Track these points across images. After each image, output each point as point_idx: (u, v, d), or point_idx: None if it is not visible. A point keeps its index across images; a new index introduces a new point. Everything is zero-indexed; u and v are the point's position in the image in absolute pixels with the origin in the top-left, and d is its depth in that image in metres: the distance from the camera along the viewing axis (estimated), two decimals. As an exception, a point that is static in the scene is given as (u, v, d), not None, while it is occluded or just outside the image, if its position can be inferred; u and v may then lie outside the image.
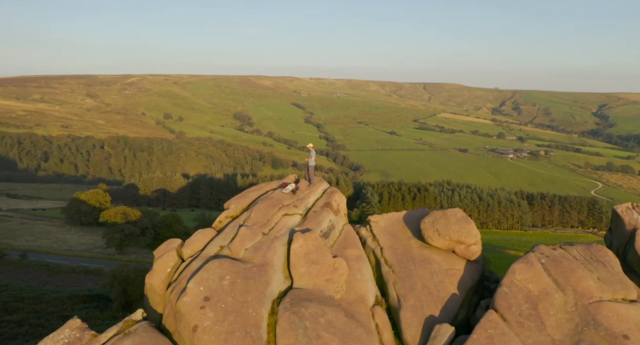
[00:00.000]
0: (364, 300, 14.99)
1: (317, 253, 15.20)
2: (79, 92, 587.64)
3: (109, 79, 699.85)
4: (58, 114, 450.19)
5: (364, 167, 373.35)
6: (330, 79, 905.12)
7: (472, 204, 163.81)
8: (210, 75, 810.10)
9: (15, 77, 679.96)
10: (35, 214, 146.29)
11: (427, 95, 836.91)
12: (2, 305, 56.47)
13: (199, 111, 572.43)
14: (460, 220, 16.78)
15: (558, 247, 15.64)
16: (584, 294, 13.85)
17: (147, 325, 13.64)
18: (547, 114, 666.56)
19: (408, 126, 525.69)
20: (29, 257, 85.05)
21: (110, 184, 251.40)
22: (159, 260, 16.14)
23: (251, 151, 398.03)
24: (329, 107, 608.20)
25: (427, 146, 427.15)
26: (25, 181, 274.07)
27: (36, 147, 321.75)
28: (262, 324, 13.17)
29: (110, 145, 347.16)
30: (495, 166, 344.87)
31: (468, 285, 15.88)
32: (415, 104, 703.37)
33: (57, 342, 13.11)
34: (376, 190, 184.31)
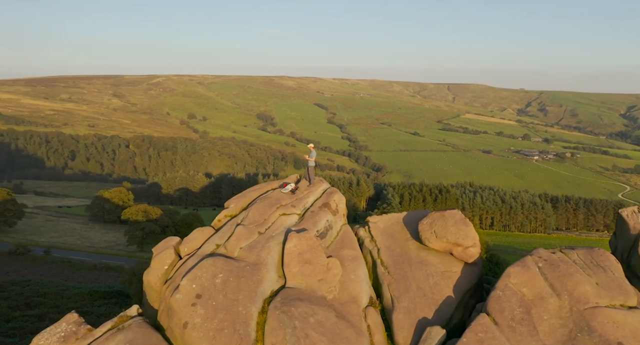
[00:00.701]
0: (356, 301, 14.97)
1: (311, 253, 15.26)
2: (106, 92, 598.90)
3: (135, 79, 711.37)
4: (85, 113, 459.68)
5: (386, 168, 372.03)
6: (353, 80, 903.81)
7: (495, 206, 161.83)
8: (234, 75, 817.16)
9: (44, 77, 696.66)
10: (61, 212, 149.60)
11: (452, 96, 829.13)
12: (25, 300, 57.94)
13: (222, 111, 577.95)
14: (459, 222, 16.62)
15: (558, 251, 15.38)
16: (580, 299, 13.56)
17: (141, 321, 13.90)
18: (574, 115, 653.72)
19: (431, 127, 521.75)
20: (52, 253, 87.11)
21: (135, 182, 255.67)
22: (157, 257, 16.45)
23: (273, 151, 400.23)
24: (351, 108, 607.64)
25: (450, 147, 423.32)
26: (53, 179, 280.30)
27: (63, 146, 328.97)
28: (251, 322, 13.29)
29: (135, 145, 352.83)
30: (520, 168, 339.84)
31: (464, 288, 15.72)
32: (439, 104, 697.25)
33: (54, 335, 13.48)
34: (397, 191, 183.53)
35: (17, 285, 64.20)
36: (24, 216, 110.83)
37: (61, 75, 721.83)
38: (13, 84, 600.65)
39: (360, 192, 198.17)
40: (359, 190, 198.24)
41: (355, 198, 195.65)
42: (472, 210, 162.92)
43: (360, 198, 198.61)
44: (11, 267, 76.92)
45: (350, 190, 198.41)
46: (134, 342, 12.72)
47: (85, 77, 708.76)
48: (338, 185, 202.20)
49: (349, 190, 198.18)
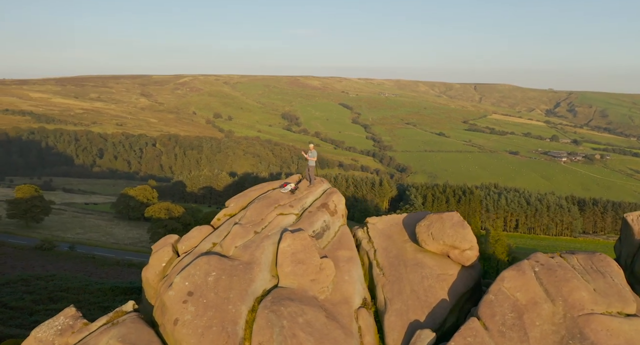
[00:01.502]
0: (348, 302, 14.93)
1: (305, 253, 15.29)
2: (134, 92, 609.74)
3: (163, 78, 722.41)
4: (113, 112, 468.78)
5: (410, 169, 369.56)
6: (378, 79, 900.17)
7: (520, 208, 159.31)
8: (259, 75, 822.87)
9: (74, 76, 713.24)
10: (87, 208, 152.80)
11: (478, 96, 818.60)
12: (48, 294, 59.42)
13: (247, 111, 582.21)
14: (456, 224, 16.43)
15: (557, 256, 15.03)
16: (575, 306, 13.23)
17: (135, 316, 14.17)
18: (604, 116, 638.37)
19: (457, 127, 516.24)
20: (77, 249, 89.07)
21: (161, 180, 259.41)
22: (155, 254, 16.73)
23: (297, 151, 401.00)
24: (376, 108, 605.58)
25: (476, 148, 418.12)
26: (81, 176, 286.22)
27: (92, 144, 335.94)
28: (239, 321, 13.41)
29: (162, 143, 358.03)
30: (547, 170, 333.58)
31: (460, 292, 15.52)
32: (465, 104, 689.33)
33: (52, 328, 13.88)
34: (420, 192, 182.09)
35: (41, 280, 65.89)
36: (51, 212, 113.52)
37: (91, 75, 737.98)
38: (44, 83, 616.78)
39: (382, 192, 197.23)
40: (382, 190, 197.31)
41: (378, 198, 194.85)
42: (496, 212, 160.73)
43: (383, 198, 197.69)
44: (37, 261, 78.98)
45: (373, 191, 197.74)
46: (127, 337, 12.98)
47: (114, 76, 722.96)
48: (361, 185, 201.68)
49: (372, 190, 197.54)
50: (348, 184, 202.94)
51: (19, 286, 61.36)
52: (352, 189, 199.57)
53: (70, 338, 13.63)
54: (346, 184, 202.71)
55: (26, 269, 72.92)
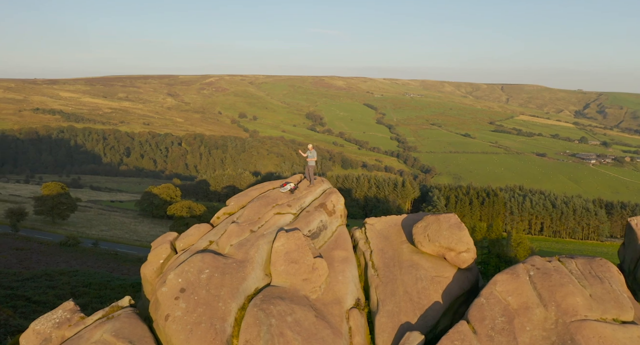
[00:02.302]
0: (340, 302, 14.91)
1: (298, 252, 15.34)
2: (161, 91, 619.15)
3: (189, 78, 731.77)
4: (141, 111, 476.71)
5: (435, 170, 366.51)
6: (403, 80, 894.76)
7: (545, 211, 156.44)
8: (284, 75, 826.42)
9: (103, 76, 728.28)
10: (113, 206, 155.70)
11: (505, 97, 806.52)
12: (71, 289, 60.82)
13: (272, 111, 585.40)
14: (453, 226, 16.24)
15: (555, 260, 14.72)
16: (568, 311, 12.92)
17: (130, 311, 14.46)
18: (636, 117, 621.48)
19: (483, 128, 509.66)
20: (100, 245, 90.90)
21: (185, 179, 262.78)
22: (153, 251, 17.02)
23: (321, 151, 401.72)
24: (401, 108, 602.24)
25: (502, 149, 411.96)
26: (108, 174, 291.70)
27: (119, 142, 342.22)
28: (228, 318, 13.55)
29: (187, 143, 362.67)
30: (575, 172, 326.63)
31: (455, 294, 15.33)
32: (492, 105, 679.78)
33: (50, 321, 14.28)
34: (443, 193, 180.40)
35: (65, 275, 67.49)
36: (77, 209, 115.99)
37: (119, 75, 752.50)
38: (74, 83, 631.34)
39: (405, 193, 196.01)
40: (404, 191, 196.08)
41: (400, 199, 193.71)
42: (520, 215, 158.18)
43: (405, 199, 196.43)
44: (61, 257, 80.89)
45: (395, 192, 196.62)
46: (120, 331, 13.26)
47: (142, 76, 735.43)
48: (383, 186, 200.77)
49: (394, 191, 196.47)
50: (370, 185, 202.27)
51: (43, 281, 63.03)
52: (374, 190, 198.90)
53: (66, 331, 13.99)
54: (368, 185, 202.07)
55: (50, 264, 74.81)
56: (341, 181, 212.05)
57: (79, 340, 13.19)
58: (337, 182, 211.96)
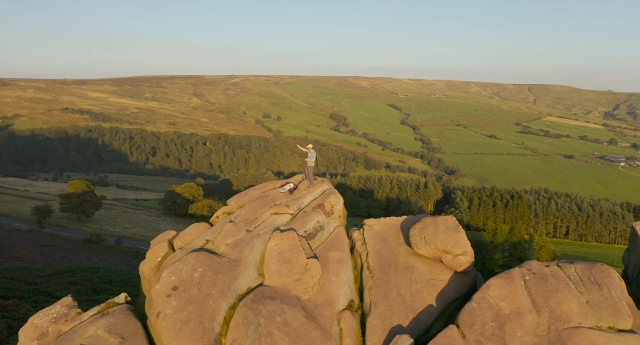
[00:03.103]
0: (332, 304, 14.83)
1: (291, 253, 15.35)
2: (187, 92, 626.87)
3: (215, 79, 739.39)
4: (166, 111, 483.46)
5: (459, 171, 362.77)
6: (429, 80, 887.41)
7: (571, 214, 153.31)
8: (309, 76, 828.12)
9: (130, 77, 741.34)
10: (137, 204, 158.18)
11: (532, 98, 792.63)
12: (92, 286, 62.03)
13: (296, 111, 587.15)
14: (450, 228, 16.00)
15: (554, 264, 14.33)
16: (561, 318, 12.56)
17: (125, 308, 14.70)
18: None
19: (509, 130, 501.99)
20: (123, 243, 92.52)
21: (209, 178, 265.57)
22: (152, 249, 17.27)
23: (345, 151, 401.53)
24: (426, 109, 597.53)
25: (529, 151, 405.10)
26: (134, 173, 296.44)
27: (145, 142, 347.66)
28: (217, 317, 13.64)
29: (212, 142, 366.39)
30: (604, 175, 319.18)
31: (450, 298, 15.09)
32: (519, 106, 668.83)
33: (48, 315, 14.64)
34: (466, 195, 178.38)
35: (87, 272, 68.89)
36: (101, 207, 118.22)
37: (146, 76, 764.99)
38: (102, 84, 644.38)
39: (427, 194, 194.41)
40: (427, 192, 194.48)
41: (422, 201, 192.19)
42: (545, 218, 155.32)
43: (428, 201, 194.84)
44: (84, 254, 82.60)
45: (417, 193, 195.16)
46: (113, 327, 13.50)
47: (168, 77, 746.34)
48: (405, 187, 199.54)
49: (416, 192, 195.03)
50: (392, 186, 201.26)
51: (65, 277, 64.45)
52: (396, 191, 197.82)
53: (63, 325, 14.31)
54: (390, 186, 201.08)
55: (74, 260, 76.45)
56: (363, 182, 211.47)
57: (74, 335, 13.48)
58: (359, 183, 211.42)
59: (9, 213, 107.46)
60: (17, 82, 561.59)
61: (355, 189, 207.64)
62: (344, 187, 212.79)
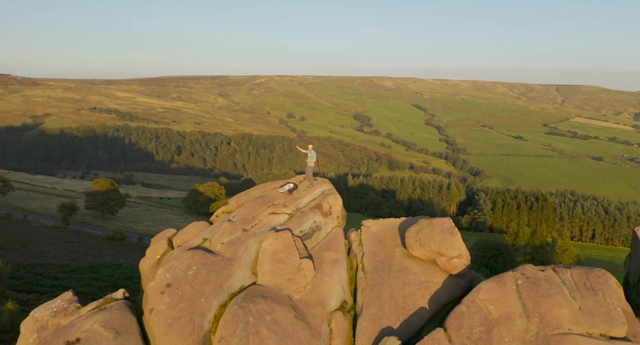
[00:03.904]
0: (323, 304, 14.89)
1: (285, 252, 15.48)
2: (212, 92, 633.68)
3: (240, 79, 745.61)
4: (192, 111, 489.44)
5: (484, 173, 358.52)
6: (454, 80, 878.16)
7: (597, 217, 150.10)
8: (333, 76, 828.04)
9: (157, 77, 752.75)
10: (161, 203, 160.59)
11: (561, 98, 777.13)
12: (113, 282, 63.23)
13: (320, 111, 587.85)
14: (445, 230, 15.87)
15: (550, 269, 14.08)
16: (551, 323, 12.32)
17: (122, 304, 15.07)
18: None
19: (536, 131, 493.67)
20: (145, 240, 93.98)
21: (233, 178, 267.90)
22: (151, 246, 17.67)
23: (368, 152, 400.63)
24: (451, 109, 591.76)
25: (556, 153, 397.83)
26: (160, 172, 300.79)
27: (171, 141, 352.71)
28: (208, 314, 13.87)
29: (236, 142, 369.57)
30: (634, 177, 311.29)
31: (443, 301, 14.98)
32: (546, 107, 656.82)
33: (48, 309, 15.13)
34: (489, 196, 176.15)
35: (109, 268, 70.26)
36: (125, 205, 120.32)
37: (173, 76, 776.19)
38: (129, 84, 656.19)
39: (450, 196, 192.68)
40: (449, 194, 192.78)
41: (445, 202, 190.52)
42: (571, 221, 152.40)
43: (450, 202, 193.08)
44: (107, 251, 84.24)
45: (440, 194, 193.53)
46: (109, 322, 13.87)
47: (194, 77, 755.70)
48: (427, 188, 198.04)
49: (439, 193, 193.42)
50: (415, 187, 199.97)
51: (88, 273, 65.85)
52: (418, 192, 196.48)
53: (62, 319, 14.74)
54: (412, 187, 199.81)
55: (97, 257, 78.07)
56: (385, 182, 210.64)
57: (71, 329, 13.88)
58: (381, 183, 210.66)
59: (36, 210, 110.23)
60: (47, 82, 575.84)
61: (377, 190, 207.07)
62: (366, 187, 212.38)
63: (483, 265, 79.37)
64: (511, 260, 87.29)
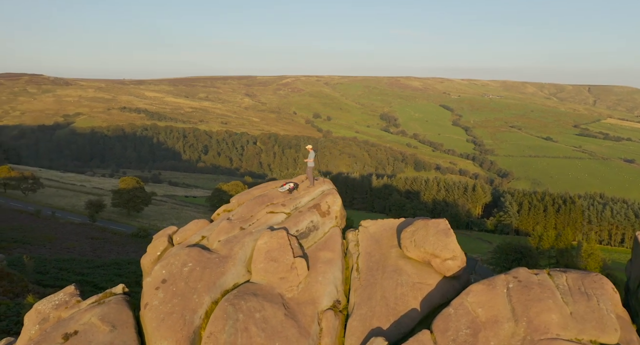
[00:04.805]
0: (314, 303, 14.99)
1: (279, 251, 15.65)
2: (239, 92, 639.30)
3: (267, 79, 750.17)
4: (219, 111, 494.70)
5: (512, 174, 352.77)
6: (483, 80, 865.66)
7: (627, 221, 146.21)
8: (360, 76, 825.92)
9: (185, 77, 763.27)
10: (186, 201, 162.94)
11: (592, 99, 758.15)
12: (136, 278, 64.32)
13: (346, 111, 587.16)
14: (440, 232, 15.77)
15: (544, 273, 13.84)
16: (538, 328, 12.11)
17: (120, 298, 15.50)
18: None
19: (567, 132, 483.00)
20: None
21: (258, 177, 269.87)
22: (152, 243, 18.10)
23: (394, 152, 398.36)
24: (479, 110, 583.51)
25: (587, 154, 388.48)
26: (187, 171, 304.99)
27: (198, 140, 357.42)
28: (199, 310, 14.15)
29: (262, 142, 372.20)
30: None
31: (435, 302, 14.86)
32: (577, 107, 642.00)
33: (51, 302, 15.68)
34: (515, 199, 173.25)
35: (132, 264, 71.60)
36: (151, 203, 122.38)
37: (201, 76, 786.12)
38: (159, 84, 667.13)
39: (475, 197, 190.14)
40: (475, 195, 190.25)
41: (470, 204, 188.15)
42: (599, 225, 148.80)
43: (476, 204, 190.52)
44: (132, 247, 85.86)
45: (465, 196, 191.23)
46: (106, 316, 14.30)
47: (222, 77, 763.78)
48: (452, 189, 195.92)
49: (464, 195, 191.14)
50: (439, 188, 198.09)
51: (112, 269, 67.26)
52: (443, 193, 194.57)
53: (63, 312, 15.25)
54: (437, 188, 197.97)
55: (121, 254, 79.66)
56: (410, 183, 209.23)
57: (70, 321, 14.37)
58: (405, 184, 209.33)
59: (65, 207, 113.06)
60: (78, 82, 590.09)
61: (401, 191, 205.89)
62: (390, 188, 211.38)
63: (505, 268, 78.12)
64: (534, 263, 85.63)
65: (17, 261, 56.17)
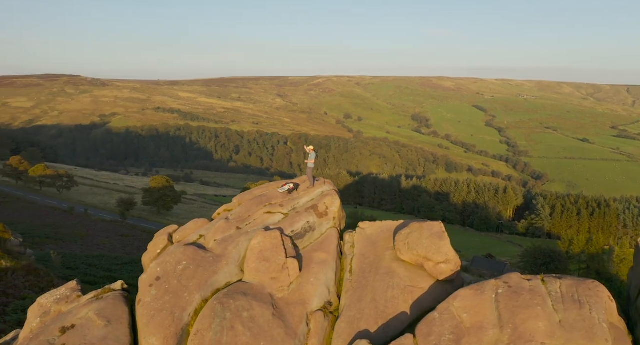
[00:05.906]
0: (304, 304, 15.04)
1: (272, 251, 15.79)
2: (271, 92, 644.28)
3: (298, 80, 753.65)
4: (251, 111, 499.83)
5: (547, 177, 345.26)
6: (517, 81, 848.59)
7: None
8: (391, 76, 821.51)
9: (218, 78, 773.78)
10: (216, 200, 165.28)
11: (631, 100, 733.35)
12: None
13: (377, 112, 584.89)
14: (433, 235, 15.60)
15: (537, 278, 13.49)
16: (523, 336, 11.76)
17: (118, 294, 15.95)
18: None
19: (604, 133, 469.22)
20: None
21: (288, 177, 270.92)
22: (153, 241, 18.55)
23: (425, 153, 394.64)
24: (513, 110, 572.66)
25: (625, 156, 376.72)
26: (218, 170, 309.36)
27: (230, 140, 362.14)
28: (188, 308, 14.42)
29: (292, 142, 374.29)
30: None
31: (426, 306, 14.65)
32: (616, 108, 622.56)
33: (52, 296, 16.27)
34: (548, 201, 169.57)
35: (157, 262, 73.03)
36: (181, 202, 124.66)
37: (233, 76, 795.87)
38: (192, 84, 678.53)
39: (506, 200, 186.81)
40: (506, 198, 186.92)
41: (501, 206, 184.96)
42: (635, 229, 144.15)
43: (507, 206, 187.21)
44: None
45: (496, 198, 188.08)
46: (102, 311, 14.75)
47: (254, 78, 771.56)
48: (483, 191, 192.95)
49: (494, 197, 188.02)
50: (469, 190, 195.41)
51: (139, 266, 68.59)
52: (473, 195, 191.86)
53: (63, 306, 15.81)
54: (467, 190, 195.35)
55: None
56: (439, 185, 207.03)
57: (68, 316, 14.89)
58: (435, 186, 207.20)
59: (97, 204, 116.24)
60: (114, 83, 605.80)
61: (431, 192, 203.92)
62: (419, 189, 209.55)
63: (534, 273, 76.53)
64: (564, 268, 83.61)
65: (46, 257, 58.05)
